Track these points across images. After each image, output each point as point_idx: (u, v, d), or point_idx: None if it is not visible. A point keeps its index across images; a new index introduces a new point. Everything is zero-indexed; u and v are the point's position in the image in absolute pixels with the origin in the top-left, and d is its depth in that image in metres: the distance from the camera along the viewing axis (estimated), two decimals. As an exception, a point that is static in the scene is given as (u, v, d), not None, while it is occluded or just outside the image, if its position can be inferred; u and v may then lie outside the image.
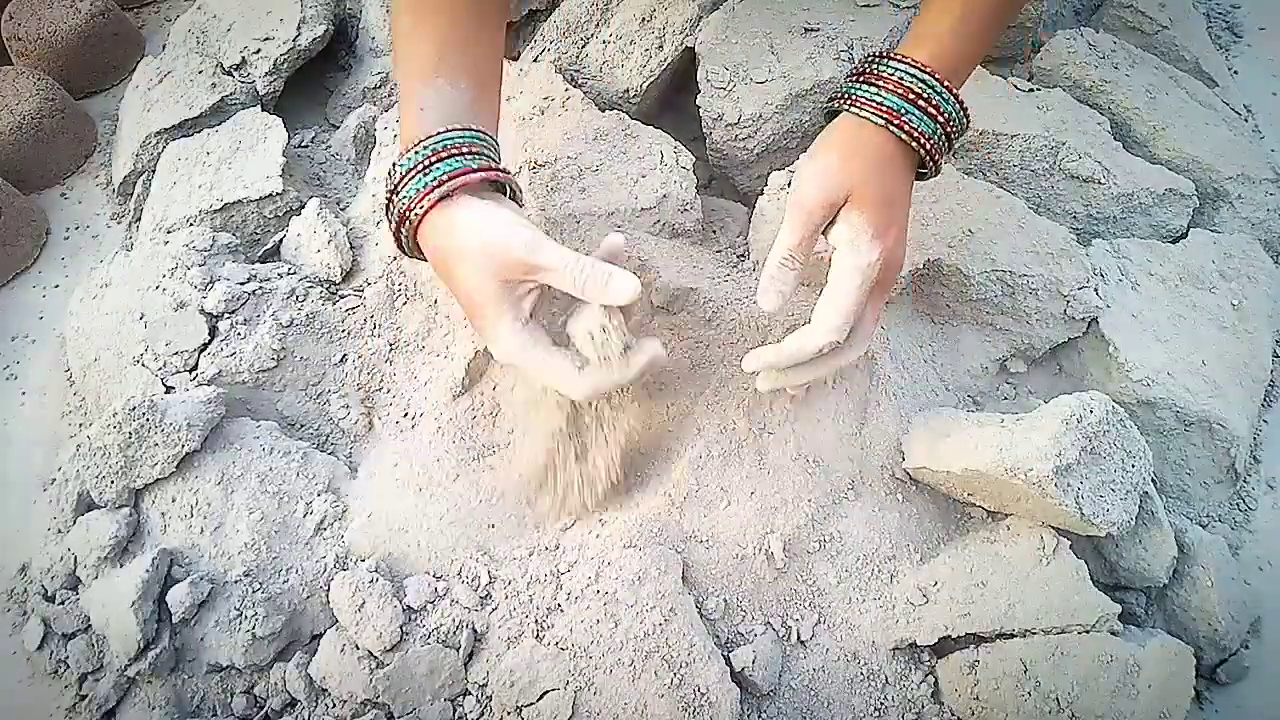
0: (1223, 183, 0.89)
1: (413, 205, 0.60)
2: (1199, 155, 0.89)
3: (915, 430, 0.72)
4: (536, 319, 0.62)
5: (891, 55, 0.61)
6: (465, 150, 0.61)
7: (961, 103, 0.61)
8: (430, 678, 0.65)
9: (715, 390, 0.73)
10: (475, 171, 0.60)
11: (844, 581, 0.70)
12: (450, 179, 0.59)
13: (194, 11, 1.04)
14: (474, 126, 0.62)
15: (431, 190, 0.59)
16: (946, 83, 0.60)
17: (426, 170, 0.60)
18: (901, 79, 0.60)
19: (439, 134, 0.61)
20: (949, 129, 0.61)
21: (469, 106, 0.64)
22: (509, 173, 0.64)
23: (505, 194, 0.64)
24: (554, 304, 0.68)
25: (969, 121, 0.62)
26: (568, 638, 0.65)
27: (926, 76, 0.60)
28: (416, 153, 0.60)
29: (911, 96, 0.60)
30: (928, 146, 0.60)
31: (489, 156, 0.63)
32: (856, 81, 0.62)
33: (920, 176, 0.64)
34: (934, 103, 0.60)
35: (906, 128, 0.59)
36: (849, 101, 0.61)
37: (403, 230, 0.62)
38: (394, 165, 0.62)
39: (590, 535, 0.70)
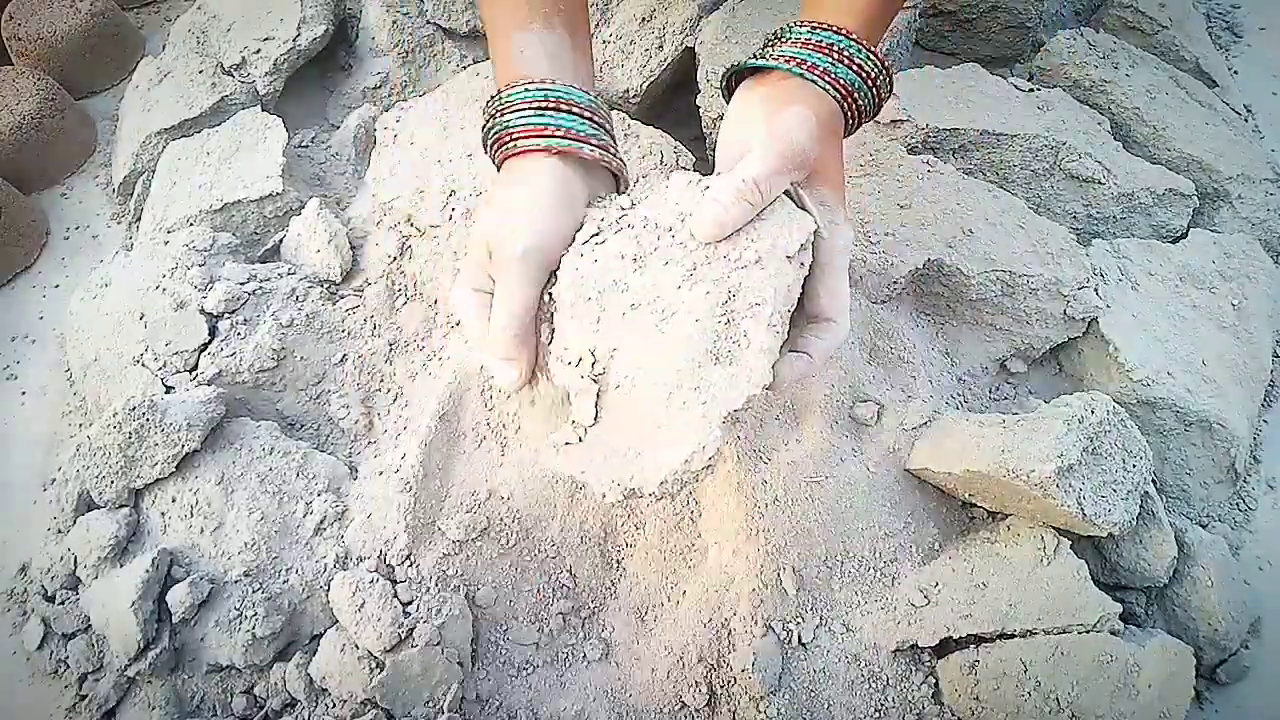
0: (1223, 183, 0.89)
1: (516, 135, 0.58)
2: (1199, 155, 0.89)
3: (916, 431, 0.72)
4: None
5: (817, 23, 0.59)
6: (583, 112, 0.58)
7: (886, 68, 0.59)
8: (429, 678, 0.65)
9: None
10: (587, 143, 0.58)
11: (845, 584, 0.70)
12: (556, 134, 0.57)
13: (194, 11, 1.04)
14: (589, 90, 0.60)
15: (541, 134, 0.57)
16: (873, 49, 0.58)
17: (540, 112, 0.58)
18: (835, 45, 0.58)
19: (556, 84, 0.58)
20: (879, 96, 0.60)
21: (572, 62, 0.61)
22: (620, 160, 0.61)
23: (614, 179, 0.62)
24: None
25: (891, 85, 0.61)
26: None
27: (858, 44, 0.58)
28: (528, 90, 0.58)
29: (855, 66, 0.58)
30: (861, 119, 0.60)
31: (608, 133, 0.60)
32: (789, 44, 0.59)
33: None
34: (870, 73, 0.58)
35: (854, 102, 0.58)
36: (796, 64, 0.57)
37: (498, 147, 0.60)
38: (498, 94, 0.60)
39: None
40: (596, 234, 0.58)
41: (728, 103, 0.61)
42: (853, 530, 0.70)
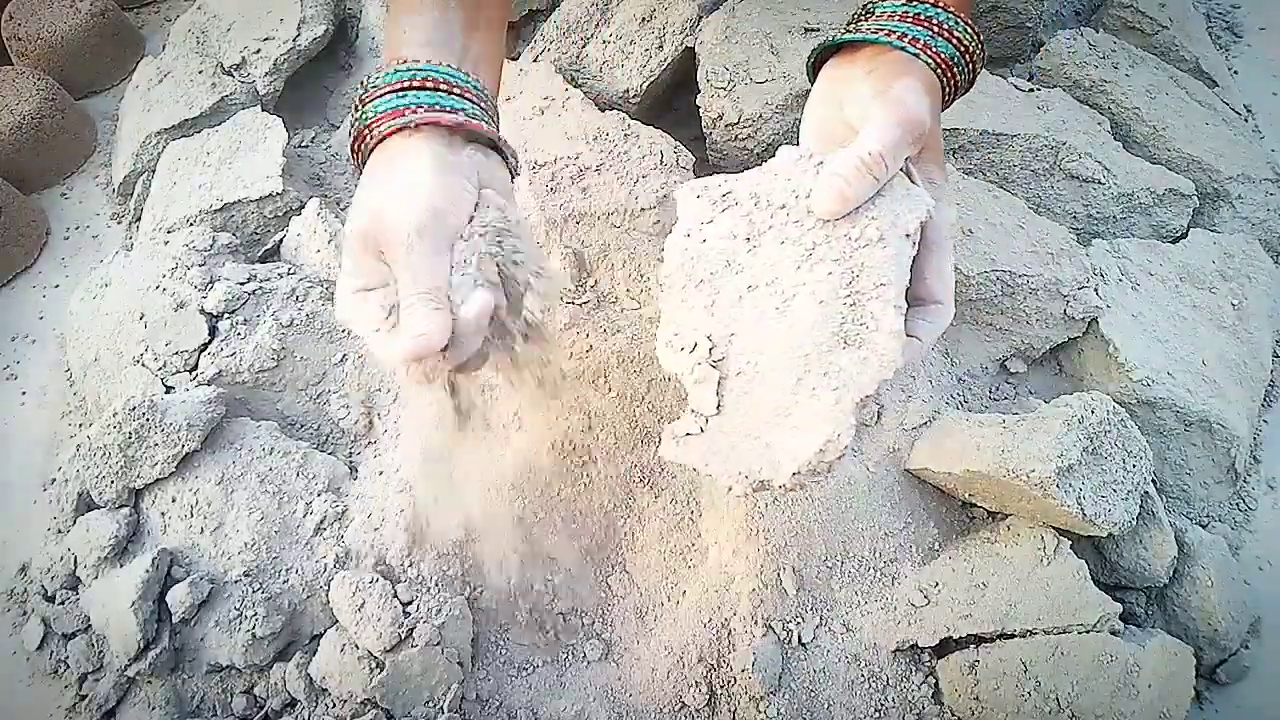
0: (1223, 183, 0.89)
1: (374, 124, 0.54)
2: (1199, 155, 0.89)
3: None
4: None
5: None
6: (450, 89, 0.55)
7: (982, 41, 0.57)
8: (429, 678, 0.65)
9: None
10: (448, 113, 0.54)
11: (845, 584, 0.70)
12: (416, 111, 0.53)
13: (194, 11, 1.04)
14: (465, 70, 0.56)
15: (396, 115, 0.53)
16: (972, 23, 0.56)
17: (401, 94, 0.54)
18: (935, 19, 0.55)
19: (423, 63, 0.55)
20: (975, 70, 0.57)
21: (459, 41, 0.57)
22: (495, 130, 0.57)
23: (499, 154, 0.58)
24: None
25: (985, 54, 0.58)
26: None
27: (956, 18, 0.55)
28: (393, 72, 0.54)
29: (955, 40, 0.55)
30: (956, 93, 0.57)
31: (479, 107, 0.56)
32: (889, 18, 0.56)
33: None
34: (969, 47, 0.56)
35: (953, 77, 0.56)
36: (898, 37, 0.54)
37: (359, 149, 0.56)
38: (366, 78, 0.56)
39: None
40: (704, 216, 0.55)
41: (812, 83, 0.59)
42: (853, 530, 0.70)
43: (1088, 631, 0.64)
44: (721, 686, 0.68)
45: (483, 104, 0.56)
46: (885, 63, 0.55)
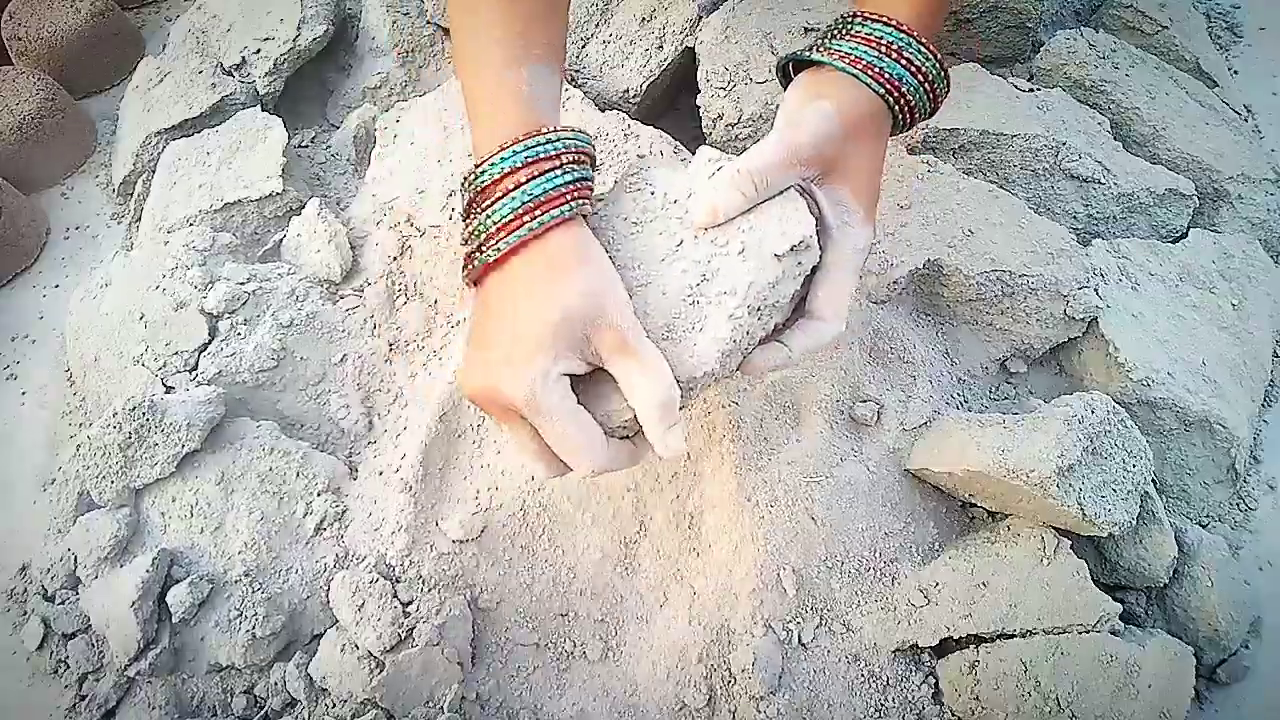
0: (1223, 183, 0.89)
1: (541, 209, 0.50)
2: (1199, 155, 0.89)
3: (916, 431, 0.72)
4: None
5: (869, 15, 0.56)
6: (584, 152, 0.53)
7: (942, 65, 0.57)
8: (429, 678, 0.65)
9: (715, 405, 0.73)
10: (590, 187, 0.52)
11: (845, 584, 0.70)
12: (582, 189, 0.51)
13: (194, 11, 1.04)
14: (578, 128, 0.54)
15: (568, 195, 0.51)
16: (928, 44, 0.56)
17: (563, 169, 0.51)
18: (885, 39, 0.55)
19: (568, 131, 0.52)
20: (934, 93, 0.57)
21: (557, 99, 0.55)
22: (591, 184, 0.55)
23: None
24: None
25: (949, 84, 0.58)
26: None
27: (910, 39, 0.56)
28: (545, 142, 0.51)
29: (904, 61, 0.55)
30: (913, 116, 0.57)
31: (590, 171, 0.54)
32: (840, 37, 0.57)
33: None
34: (922, 68, 0.56)
35: (902, 98, 0.56)
36: (839, 57, 0.55)
37: (506, 235, 0.51)
38: (496, 153, 0.52)
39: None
40: (614, 196, 0.57)
41: (782, 85, 0.60)
42: (853, 530, 0.70)
43: (1088, 631, 0.64)
44: (721, 686, 0.68)
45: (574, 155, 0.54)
46: (821, 82, 0.56)
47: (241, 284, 0.79)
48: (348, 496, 0.73)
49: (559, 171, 0.52)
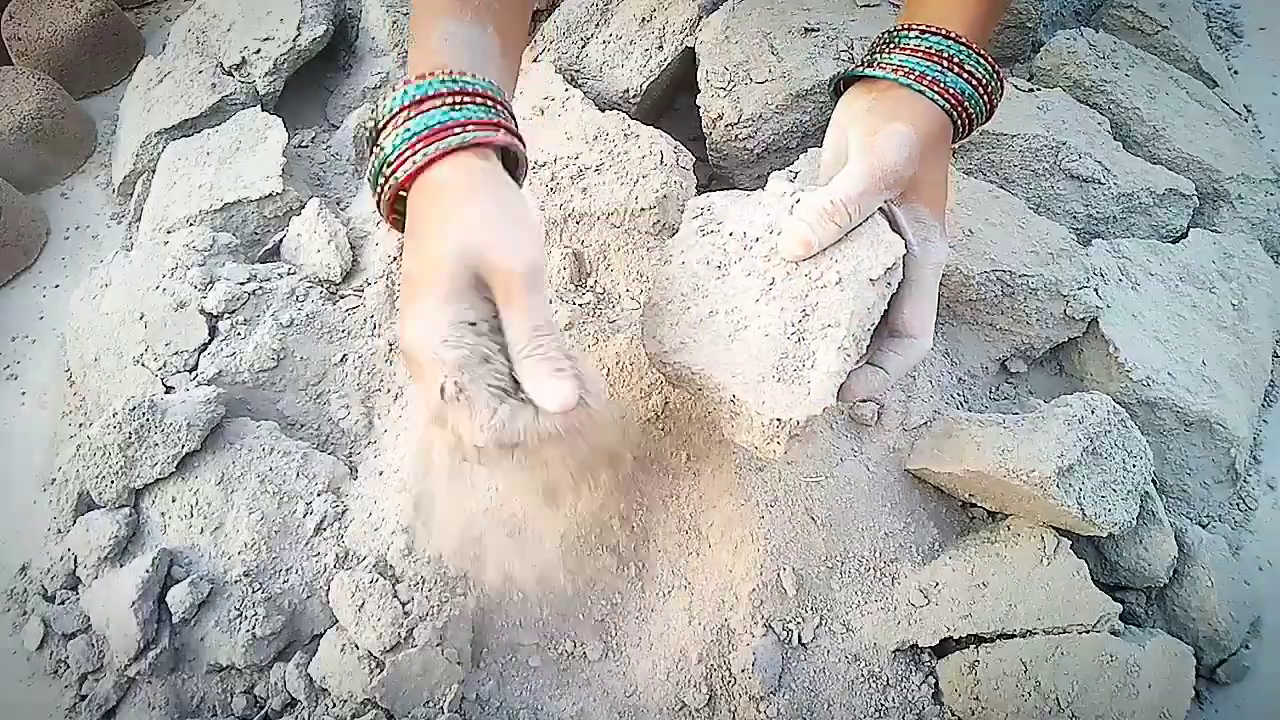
0: (1223, 183, 0.89)
1: (424, 141, 0.49)
2: (1199, 155, 0.89)
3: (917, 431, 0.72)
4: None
5: (924, 28, 0.57)
6: (497, 102, 0.52)
7: (998, 72, 0.57)
8: (429, 678, 0.65)
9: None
10: (500, 129, 0.51)
11: (845, 584, 0.70)
12: (480, 126, 0.50)
13: (194, 11, 1.04)
14: (500, 84, 0.53)
15: (455, 129, 0.49)
16: (985, 54, 0.57)
17: (454, 106, 0.50)
18: (945, 52, 0.55)
19: (468, 74, 0.51)
20: (991, 102, 0.58)
21: (497, 59, 0.55)
22: (525, 154, 0.55)
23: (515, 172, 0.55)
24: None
25: (1003, 88, 0.58)
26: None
27: (969, 50, 0.56)
28: (439, 81, 0.50)
29: (965, 75, 0.56)
30: (971, 126, 0.58)
31: (514, 121, 0.54)
32: (896, 50, 0.57)
33: None
34: (981, 79, 0.56)
35: (964, 111, 0.56)
36: (904, 73, 0.55)
37: (394, 171, 0.50)
38: (396, 89, 0.51)
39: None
40: (689, 240, 0.58)
41: (833, 102, 0.60)
42: (853, 530, 0.70)
43: (1088, 631, 0.64)
44: (721, 686, 0.68)
45: (514, 117, 0.55)
46: (889, 100, 0.56)
47: (241, 284, 0.79)
48: (348, 496, 0.73)
49: (445, 109, 0.50)
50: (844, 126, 0.57)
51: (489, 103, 0.52)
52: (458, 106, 0.50)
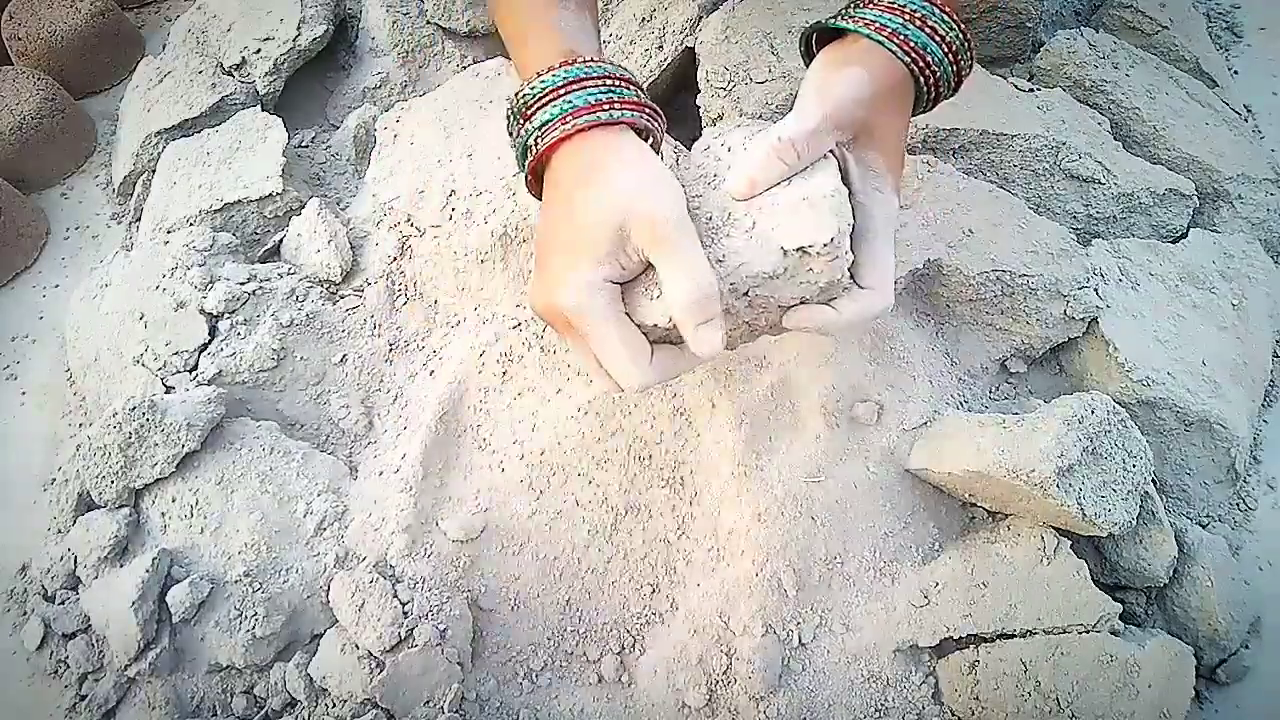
0: (1223, 183, 0.89)
1: (577, 115, 0.53)
2: (1199, 155, 0.89)
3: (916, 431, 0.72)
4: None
5: None
6: (638, 86, 0.55)
7: (967, 35, 0.57)
8: (429, 678, 0.65)
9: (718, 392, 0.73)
10: (644, 110, 0.54)
11: (845, 584, 0.70)
12: (627, 106, 0.54)
13: (194, 11, 1.04)
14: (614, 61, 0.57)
15: (606, 106, 0.53)
16: (952, 13, 0.56)
17: (611, 87, 0.54)
18: (909, 7, 0.55)
19: (594, 60, 0.55)
20: (959, 65, 0.57)
21: (594, 38, 0.59)
22: (664, 131, 0.58)
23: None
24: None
25: (974, 57, 0.58)
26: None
27: (933, 7, 0.55)
28: (574, 69, 0.54)
29: (928, 30, 0.55)
30: (937, 90, 0.57)
31: (652, 103, 0.57)
32: (863, 5, 0.57)
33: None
34: (945, 37, 0.56)
35: (927, 67, 0.55)
36: (864, 24, 0.55)
37: (538, 142, 0.54)
38: (536, 78, 0.55)
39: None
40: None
41: (807, 66, 0.60)
42: (853, 530, 0.70)
43: (1088, 631, 0.64)
44: (721, 686, 0.68)
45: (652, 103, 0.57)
46: (849, 50, 0.56)
47: (241, 284, 0.79)
48: (348, 496, 0.73)
49: (599, 89, 0.54)
50: (806, 81, 0.57)
51: (633, 87, 0.56)
52: (614, 87, 0.54)
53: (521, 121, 0.56)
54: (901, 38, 0.55)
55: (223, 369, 0.75)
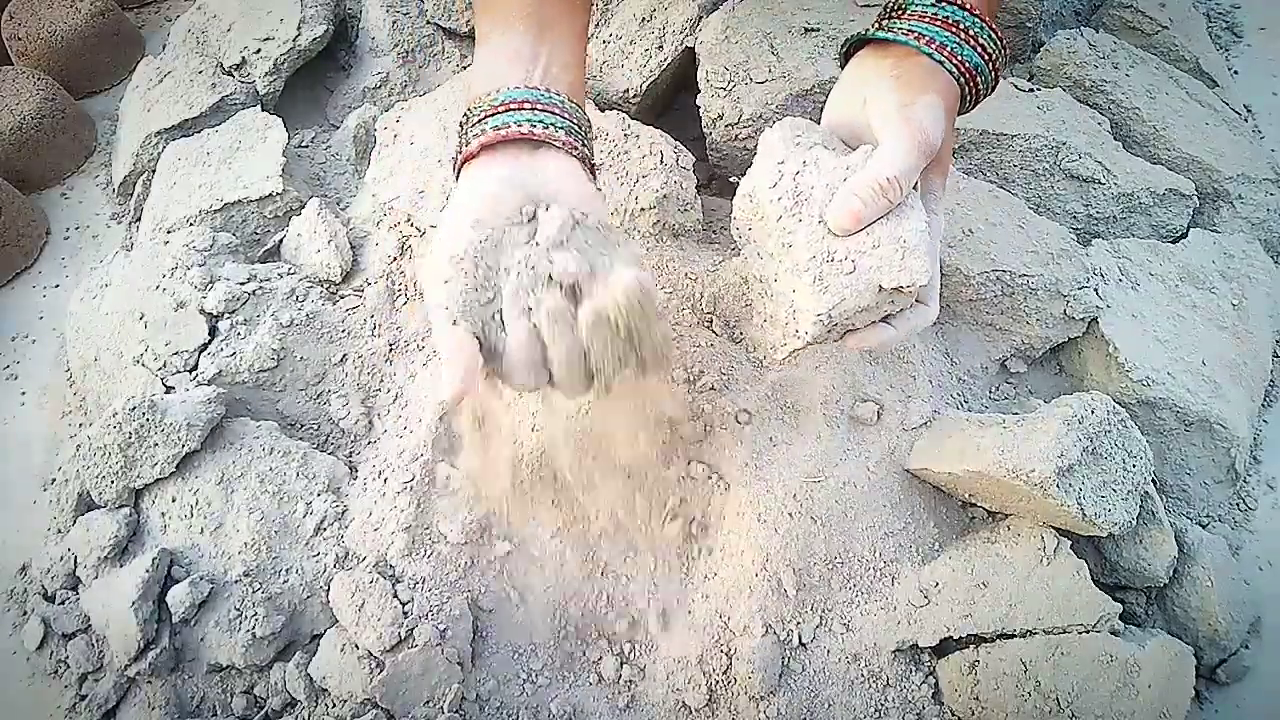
0: (1223, 183, 0.89)
1: (509, 126, 0.54)
2: (1199, 155, 0.89)
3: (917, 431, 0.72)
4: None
5: None
6: (578, 123, 0.57)
7: (1005, 46, 0.57)
8: (429, 678, 0.65)
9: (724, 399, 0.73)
10: (560, 132, 0.56)
11: (845, 584, 0.70)
12: (561, 128, 0.55)
13: (194, 11, 1.04)
14: (571, 99, 0.57)
15: (545, 124, 0.55)
16: (996, 28, 0.56)
17: (549, 115, 0.55)
18: (961, 23, 0.55)
19: (554, 92, 0.56)
20: (997, 77, 0.58)
21: (567, 65, 0.59)
22: (591, 158, 0.59)
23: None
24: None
25: (1007, 63, 0.59)
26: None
27: (981, 23, 0.56)
28: (533, 91, 0.56)
29: (979, 48, 0.55)
30: (978, 100, 0.58)
31: (583, 136, 0.58)
32: (911, 17, 0.57)
33: None
34: (990, 53, 0.56)
35: (974, 85, 0.56)
36: (925, 42, 0.55)
37: (463, 149, 0.57)
38: (480, 98, 0.57)
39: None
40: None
41: (842, 68, 0.60)
42: (853, 530, 0.70)
43: (1088, 631, 0.64)
44: (721, 686, 0.68)
45: (566, 116, 0.57)
46: (911, 69, 0.55)
47: (241, 284, 0.79)
48: (348, 496, 0.73)
49: (549, 115, 0.55)
50: (856, 89, 0.57)
51: (577, 125, 0.57)
52: (557, 116, 0.56)
53: (465, 129, 0.58)
54: (959, 59, 0.55)
55: (223, 369, 0.75)
